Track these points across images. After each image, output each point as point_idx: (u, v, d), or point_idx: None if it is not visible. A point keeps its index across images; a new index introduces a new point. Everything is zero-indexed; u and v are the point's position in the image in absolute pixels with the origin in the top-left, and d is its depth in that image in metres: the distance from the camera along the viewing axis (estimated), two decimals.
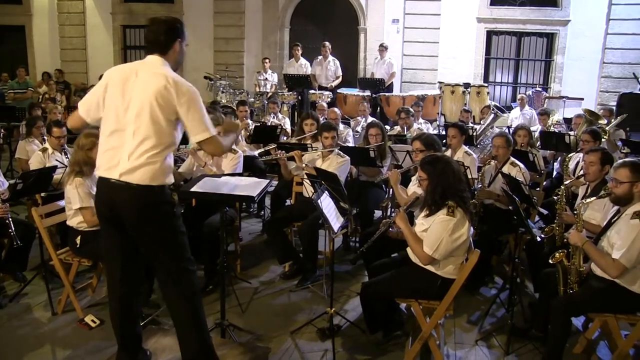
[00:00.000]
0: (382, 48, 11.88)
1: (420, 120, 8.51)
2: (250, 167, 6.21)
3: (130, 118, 2.88)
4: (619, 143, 7.11)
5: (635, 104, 10.10)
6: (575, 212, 3.72)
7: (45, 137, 5.91)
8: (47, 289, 4.40)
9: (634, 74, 11.51)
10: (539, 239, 3.99)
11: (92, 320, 4.11)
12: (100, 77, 3.31)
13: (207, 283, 4.72)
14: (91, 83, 13.81)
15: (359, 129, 8.16)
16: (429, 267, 3.58)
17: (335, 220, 3.83)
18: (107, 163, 2.91)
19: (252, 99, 11.13)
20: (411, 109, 7.91)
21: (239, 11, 13.72)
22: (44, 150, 5.50)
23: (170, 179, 2.99)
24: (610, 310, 3.46)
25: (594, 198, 3.76)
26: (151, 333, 3.63)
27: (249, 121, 7.61)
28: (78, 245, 4.21)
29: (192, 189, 3.56)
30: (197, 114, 2.93)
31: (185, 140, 6.48)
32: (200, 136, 2.96)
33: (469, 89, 11.69)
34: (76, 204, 4.12)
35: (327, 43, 11.74)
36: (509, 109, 11.56)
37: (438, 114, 11.27)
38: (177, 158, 6.15)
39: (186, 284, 3.04)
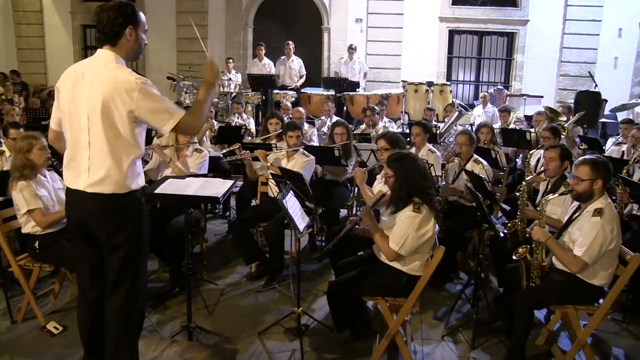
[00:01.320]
0: (352, 50, 11.91)
1: (385, 119, 8.61)
2: (215, 168, 6.15)
3: (84, 127, 2.70)
4: (577, 139, 7.31)
5: (591, 102, 10.39)
6: (537, 208, 3.79)
7: (2, 140, 5.72)
8: (5, 296, 4.26)
9: (589, 72, 11.83)
10: (502, 234, 4.06)
11: (55, 327, 3.99)
12: None
13: (173, 285, 4.66)
14: (50, 84, 13.46)
15: (325, 129, 8.17)
16: (395, 264, 3.61)
17: (300, 219, 3.82)
18: (71, 175, 2.81)
19: (216, 99, 11.00)
20: (376, 107, 8.01)
21: (201, 11, 13.55)
22: (1, 153, 5.33)
23: (139, 183, 2.85)
24: (570, 302, 3.55)
25: (556, 195, 3.83)
26: None
27: (213, 121, 7.54)
28: (38, 250, 4.10)
29: (156, 191, 3.51)
30: (153, 104, 2.68)
31: (148, 140, 6.42)
32: (168, 126, 2.73)
33: (432, 88, 11.85)
34: (23, 207, 4.02)
35: (290, 42, 11.71)
36: (472, 106, 11.72)
37: (402, 112, 11.35)
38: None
39: (133, 301, 2.89)
